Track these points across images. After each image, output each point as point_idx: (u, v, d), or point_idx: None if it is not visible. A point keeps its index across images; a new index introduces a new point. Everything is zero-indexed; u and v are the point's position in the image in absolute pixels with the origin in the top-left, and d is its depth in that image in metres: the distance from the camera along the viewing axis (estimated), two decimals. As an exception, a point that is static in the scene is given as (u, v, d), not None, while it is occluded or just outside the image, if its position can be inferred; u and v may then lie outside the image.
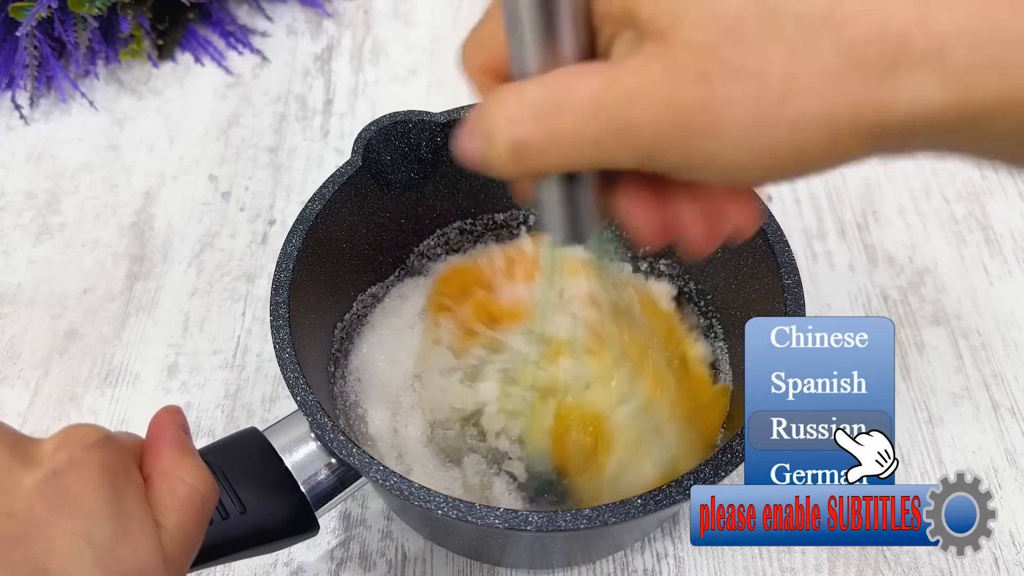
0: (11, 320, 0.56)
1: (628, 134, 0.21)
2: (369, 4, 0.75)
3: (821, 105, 0.19)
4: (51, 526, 0.25)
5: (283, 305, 0.39)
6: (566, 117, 0.21)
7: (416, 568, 0.46)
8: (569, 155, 0.22)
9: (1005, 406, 0.51)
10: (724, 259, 0.45)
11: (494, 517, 0.32)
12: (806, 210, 0.60)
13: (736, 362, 0.45)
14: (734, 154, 0.21)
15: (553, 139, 0.22)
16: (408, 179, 0.46)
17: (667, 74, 0.20)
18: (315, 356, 0.43)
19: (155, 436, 0.30)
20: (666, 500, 0.32)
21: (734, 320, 0.45)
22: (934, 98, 0.19)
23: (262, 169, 0.64)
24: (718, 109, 0.20)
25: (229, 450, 0.36)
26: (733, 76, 0.20)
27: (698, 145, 0.21)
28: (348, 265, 0.46)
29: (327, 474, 0.36)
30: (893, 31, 0.19)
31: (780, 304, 0.38)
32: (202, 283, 0.58)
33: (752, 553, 0.46)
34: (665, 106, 0.20)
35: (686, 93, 0.20)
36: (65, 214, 0.61)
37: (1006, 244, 0.59)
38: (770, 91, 0.20)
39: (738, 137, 0.20)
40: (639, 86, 0.21)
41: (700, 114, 0.20)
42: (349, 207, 0.44)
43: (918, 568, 0.45)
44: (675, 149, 0.21)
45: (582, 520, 0.32)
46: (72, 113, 0.68)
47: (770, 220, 0.41)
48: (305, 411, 0.36)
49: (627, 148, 0.21)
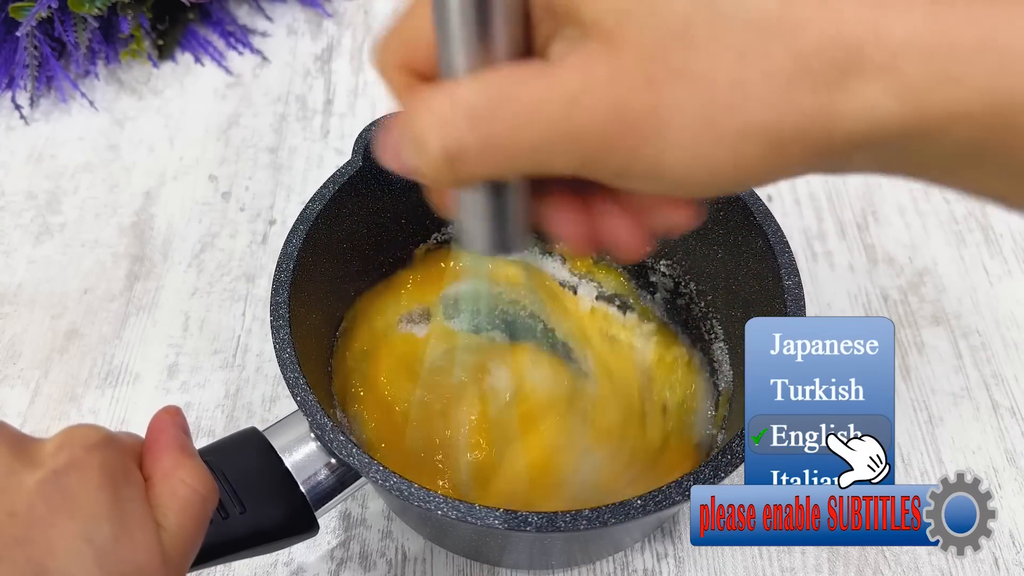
0: (11, 320, 0.56)
1: (570, 139, 0.20)
2: (369, 4, 0.75)
3: (768, 114, 0.19)
4: (52, 526, 0.25)
5: (283, 305, 0.39)
6: (505, 122, 0.20)
7: (416, 568, 0.46)
8: (507, 162, 0.21)
9: (1005, 406, 0.51)
10: (724, 260, 0.45)
11: (494, 518, 0.32)
12: (806, 210, 0.60)
13: (736, 362, 0.45)
14: (676, 162, 0.20)
15: (490, 145, 0.20)
16: (409, 180, 0.46)
17: (613, 77, 0.19)
18: (315, 356, 0.43)
19: (155, 437, 0.30)
20: (666, 501, 0.32)
21: (734, 320, 0.45)
22: (884, 110, 0.18)
23: (262, 169, 0.64)
24: (665, 115, 0.19)
25: (229, 450, 0.36)
26: (681, 82, 0.19)
27: (642, 152, 0.20)
28: (349, 265, 0.46)
29: (327, 474, 0.36)
30: (846, 39, 0.18)
31: (780, 305, 0.38)
32: (202, 283, 0.58)
33: (752, 553, 0.46)
34: (611, 110, 0.19)
35: (633, 97, 0.19)
36: (65, 214, 0.61)
37: (1006, 244, 0.59)
38: (718, 99, 0.19)
39: (683, 144, 0.19)
40: (583, 88, 0.19)
41: (646, 119, 0.19)
42: (350, 207, 0.44)
43: (918, 568, 0.45)
44: (618, 155, 0.20)
45: (581, 521, 0.32)
46: (72, 113, 0.68)
47: (770, 221, 0.41)
48: (305, 411, 0.36)
49: (568, 154, 0.20)
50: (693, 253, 0.47)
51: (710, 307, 0.48)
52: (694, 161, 0.20)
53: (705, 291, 0.48)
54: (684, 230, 0.24)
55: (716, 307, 0.47)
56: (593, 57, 0.20)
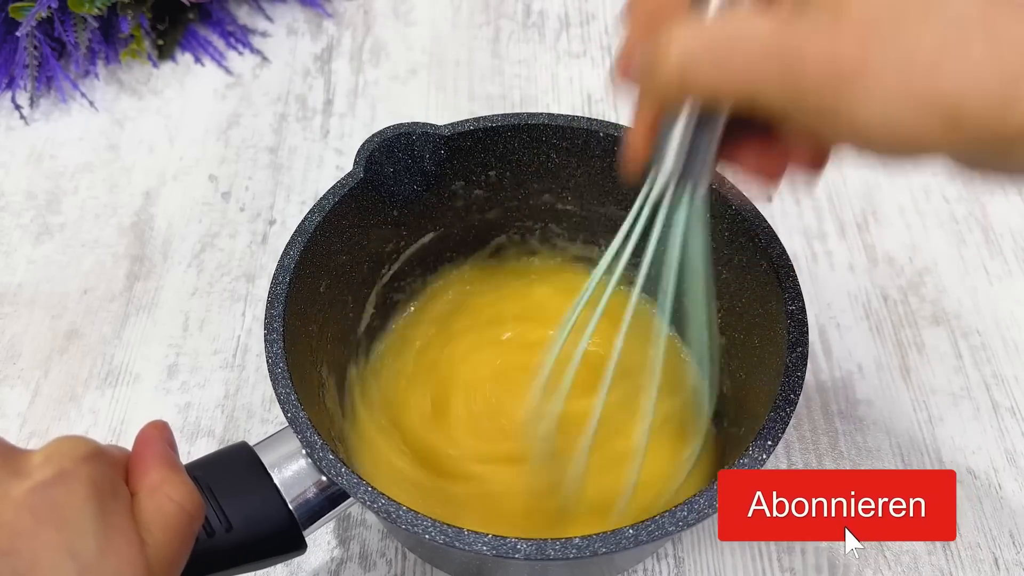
0: (11, 320, 0.56)
1: (789, 77, 0.24)
2: (369, 4, 0.75)
3: (955, 86, 0.22)
4: (36, 538, 0.25)
5: (278, 319, 0.38)
6: (738, 51, 0.24)
7: (416, 568, 0.46)
8: (730, 87, 0.25)
9: (1005, 406, 0.51)
10: (728, 280, 0.44)
11: (482, 544, 0.31)
12: (806, 210, 0.60)
13: (735, 385, 0.44)
14: (868, 113, 0.23)
15: (721, 69, 0.25)
16: (411, 192, 0.45)
17: (833, 35, 0.23)
18: (310, 369, 0.42)
19: (142, 451, 0.30)
20: (659, 531, 0.32)
21: (734, 343, 0.44)
22: None
23: (262, 169, 0.64)
24: (870, 71, 0.23)
25: (218, 466, 0.35)
26: (888, 48, 0.22)
27: (843, 97, 0.23)
28: (347, 278, 0.46)
29: (317, 492, 0.35)
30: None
31: (783, 330, 0.38)
32: (202, 283, 0.58)
33: (752, 553, 0.46)
34: (827, 60, 0.23)
35: (848, 52, 0.23)
36: (65, 214, 0.61)
37: (1006, 244, 0.59)
38: (916, 67, 0.22)
39: (879, 99, 0.23)
40: (808, 39, 0.23)
41: (855, 71, 0.23)
42: (350, 219, 0.43)
43: (918, 568, 0.45)
44: (823, 97, 0.23)
45: (571, 549, 0.31)
46: (72, 113, 0.68)
47: (775, 244, 0.40)
48: (295, 428, 0.35)
49: (782, 89, 0.24)
50: None
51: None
52: (883, 115, 0.23)
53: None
54: (808, 179, 0.29)
55: (719, 330, 0.46)
56: (818, 17, 0.24)
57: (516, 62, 0.71)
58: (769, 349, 0.39)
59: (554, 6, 0.75)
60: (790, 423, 0.35)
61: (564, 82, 0.69)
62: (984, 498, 0.48)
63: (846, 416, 0.51)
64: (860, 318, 0.55)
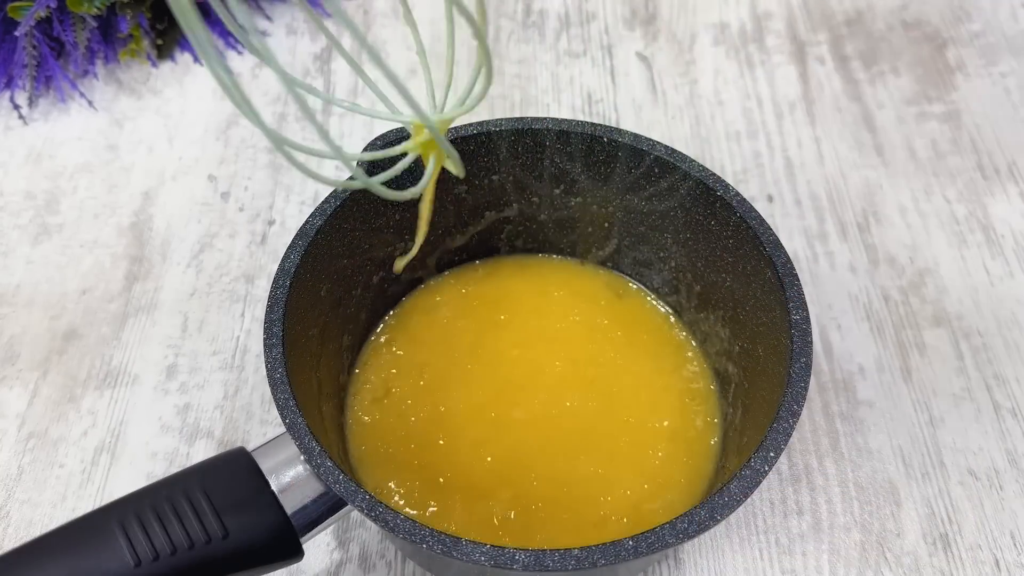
0: (10, 321, 0.56)
1: None
2: (369, 4, 0.75)
3: None
4: None
5: (277, 323, 0.37)
6: None
7: (416, 569, 0.46)
8: None
9: (1006, 407, 0.51)
10: (732, 288, 0.43)
11: (480, 554, 0.31)
12: (806, 210, 0.60)
13: (737, 392, 0.44)
14: None
15: None
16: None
17: None
18: (310, 374, 0.42)
19: None
20: (658, 543, 0.31)
21: (741, 351, 0.44)
22: None
23: (262, 169, 0.64)
24: None
25: (215, 472, 0.35)
26: None
27: None
28: (349, 281, 0.45)
29: (315, 499, 0.35)
30: None
31: (787, 339, 0.37)
32: (201, 283, 0.57)
33: (752, 553, 0.46)
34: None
35: None
36: (64, 214, 0.61)
37: (1007, 244, 0.58)
38: None
39: None
40: None
41: None
42: (351, 223, 0.43)
43: (918, 568, 0.45)
44: None
45: (570, 561, 0.31)
46: (71, 113, 0.67)
47: (780, 252, 0.39)
48: (294, 434, 0.35)
49: None
50: (702, 278, 0.46)
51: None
52: None
53: (711, 318, 0.47)
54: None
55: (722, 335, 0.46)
56: None
57: (516, 62, 0.71)
58: (773, 358, 0.39)
59: (554, 6, 0.75)
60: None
61: (564, 82, 0.69)
62: (985, 499, 0.48)
63: (847, 417, 0.51)
64: (861, 319, 0.55)
